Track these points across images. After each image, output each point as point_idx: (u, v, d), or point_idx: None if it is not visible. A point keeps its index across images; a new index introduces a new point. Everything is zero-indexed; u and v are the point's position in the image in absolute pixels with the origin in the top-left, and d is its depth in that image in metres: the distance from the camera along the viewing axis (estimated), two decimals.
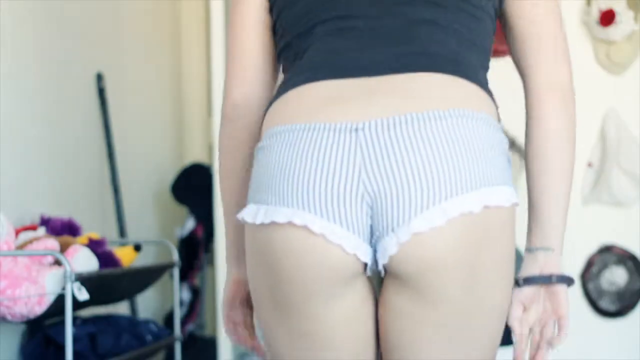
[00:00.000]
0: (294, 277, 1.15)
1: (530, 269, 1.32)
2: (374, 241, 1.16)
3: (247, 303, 1.41)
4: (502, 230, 1.19)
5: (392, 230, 1.13)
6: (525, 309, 1.32)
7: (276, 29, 1.38)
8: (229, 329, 1.45)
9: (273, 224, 1.15)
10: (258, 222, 1.17)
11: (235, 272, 1.42)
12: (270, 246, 1.16)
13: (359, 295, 1.19)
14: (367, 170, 1.14)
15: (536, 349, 1.36)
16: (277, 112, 1.24)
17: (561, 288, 1.31)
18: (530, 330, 1.33)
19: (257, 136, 1.33)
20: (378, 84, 1.18)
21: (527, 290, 1.31)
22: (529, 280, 1.30)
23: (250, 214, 1.20)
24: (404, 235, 1.12)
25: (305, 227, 1.13)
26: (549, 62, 1.38)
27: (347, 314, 1.18)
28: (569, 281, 1.33)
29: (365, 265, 1.17)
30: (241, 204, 1.30)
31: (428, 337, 1.18)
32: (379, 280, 1.21)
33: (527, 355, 1.33)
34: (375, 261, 1.17)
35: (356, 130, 1.15)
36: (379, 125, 1.14)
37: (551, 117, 1.33)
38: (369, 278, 1.21)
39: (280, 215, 1.14)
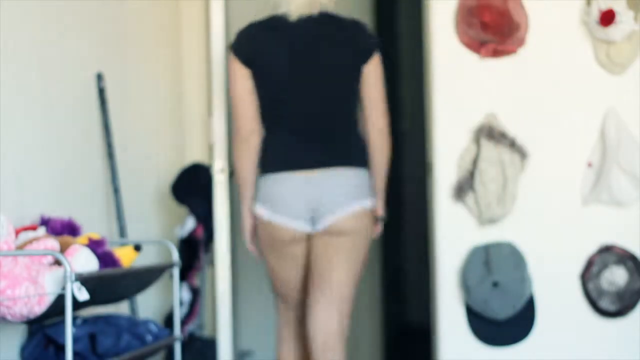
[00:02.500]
0: (281, 237, 2.92)
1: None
2: (313, 223, 2.91)
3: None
4: (367, 217, 2.94)
5: (324, 216, 2.88)
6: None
7: (258, 99, 2.96)
8: (253, 247, 3.06)
9: (274, 221, 2.92)
10: (266, 218, 2.92)
11: (249, 210, 3.01)
12: (272, 227, 2.92)
13: (305, 244, 2.96)
14: (312, 193, 2.88)
15: None
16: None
17: (380, 222, 3.07)
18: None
19: (256, 148, 2.97)
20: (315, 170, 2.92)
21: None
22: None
23: (261, 212, 2.94)
24: (330, 220, 2.88)
25: (290, 226, 2.91)
26: (375, 115, 2.97)
27: (301, 249, 2.96)
28: (381, 219, 3.06)
29: (307, 234, 2.94)
30: (251, 176, 2.99)
31: (336, 252, 2.91)
32: None
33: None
34: (311, 231, 2.93)
35: (308, 178, 2.88)
36: (318, 176, 2.88)
37: (376, 143, 2.98)
38: (308, 239, 2.95)
39: (279, 218, 2.92)
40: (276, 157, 2.92)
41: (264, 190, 2.91)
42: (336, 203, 2.86)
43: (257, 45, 2.93)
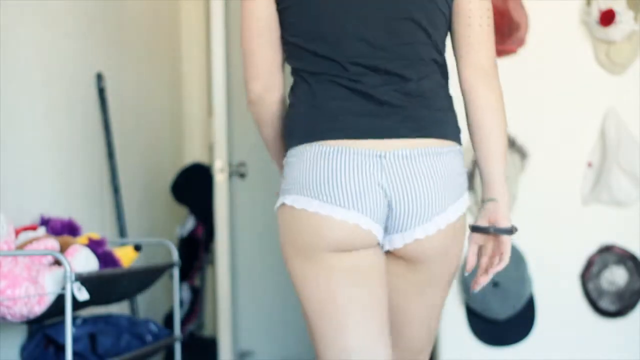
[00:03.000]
0: (344, 237, 1.74)
1: (481, 219, 1.83)
2: (387, 230, 1.78)
3: None
4: (462, 227, 1.82)
5: (400, 231, 1.77)
6: (481, 246, 1.85)
7: (287, 32, 1.82)
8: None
9: (330, 216, 1.73)
10: (312, 210, 1.74)
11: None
12: (323, 222, 1.74)
13: (374, 253, 1.79)
14: (387, 184, 1.74)
15: (483, 273, 1.85)
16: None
17: (503, 234, 1.82)
18: (482, 259, 1.85)
19: (276, 112, 1.88)
20: (391, 141, 1.77)
21: (477, 235, 1.83)
22: (476, 229, 1.83)
23: (301, 203, 1.75)
24: (409, 238, 1.77)
25: (357, 222, 1.73)
26: (478, 49, 1.83)
27: (372, 258, 1.79)
28: (506, 231, 1.81)
29: (378, 240, 1.79)
30: (277, 143, 1.93)
31: (415, 292, 1.85)
32: None
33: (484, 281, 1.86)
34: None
35: (380, 156, 1.74)
36: (396, 155, 1.74)
37: (480, 92, 1.82)
38: (380, 247, 1.81)
39: (337, 213, 1.73)
40: (327, 119, 1.78)
41: (308, 170, 1.77)
42: (423, 208, 1.76)
43: None
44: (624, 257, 3.04)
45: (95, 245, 2.48)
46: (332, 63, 1.78)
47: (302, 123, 1.81)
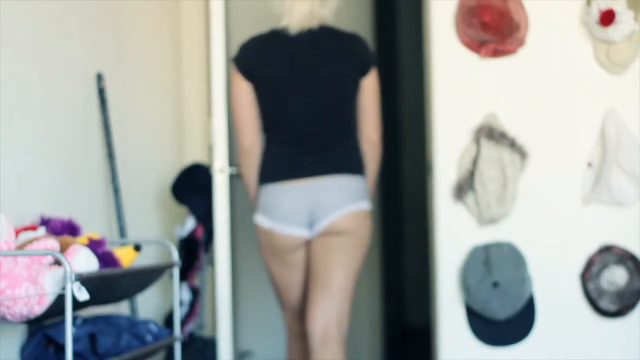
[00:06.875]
0: (283, 245, 3.03)
1: None
2: (311, 227, 3.02)
3: None
4: (364, 218, 3.04)
5: (320, 221, 2.98)
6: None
7: (259, 111, 3.09)
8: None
9: (275, 230, 3.02)
10: (267, 226, 3.03)
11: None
12: (273, 236, 3.03)
13: (305, 250, 3.05)
14: (309, 202, 2.98)
15: None
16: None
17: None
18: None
19: (257, 161, 3.09)
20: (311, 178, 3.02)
21: None
22: None
23: (261, 221, 3.05)
24: (325, 223, 2.98)
25: (290, 233, 3.02)
26: (369, 128, 3.09)
27: (301, 255, 3.06)
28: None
29: (306, 240, 3.05)
30: (255, 179, 3.10)
31: (335, 252, 3.00)
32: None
33: None
34: (310, 235, 3.05)
35: (305, 187, 2.98)
36: (315, 183, 2.98)
37: (368, 154, 3.10)
38: (307, 244, 3.06)
39: (279, 227, 3.01)
40: (274, 168, 3.02)
41: (263, 200, 3.02)
42: (333, 205, 2.96)
43: (258, 58, 3.05)
44: (624, 257, 3.04)
45: (95, 245, 2.48)
46: (281, 135, 3.04)
47: (265, 170, 3.05)
